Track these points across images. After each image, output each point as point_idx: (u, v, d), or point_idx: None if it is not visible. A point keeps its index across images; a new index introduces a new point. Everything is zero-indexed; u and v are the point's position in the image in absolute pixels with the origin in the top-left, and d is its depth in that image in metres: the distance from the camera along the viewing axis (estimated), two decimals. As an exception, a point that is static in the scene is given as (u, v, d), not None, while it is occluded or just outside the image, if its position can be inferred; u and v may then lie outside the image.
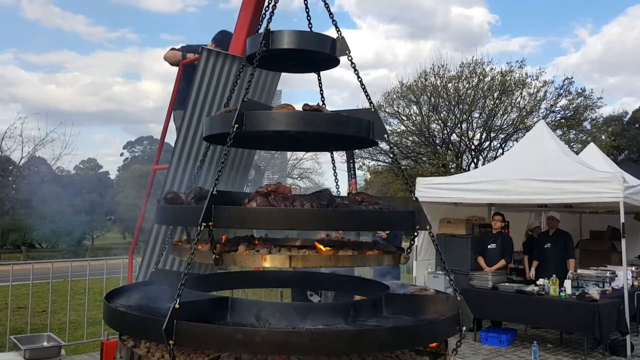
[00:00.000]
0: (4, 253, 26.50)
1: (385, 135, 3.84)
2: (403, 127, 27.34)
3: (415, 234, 3.65)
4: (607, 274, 7.85)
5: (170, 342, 2.91)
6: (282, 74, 5.28)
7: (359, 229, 3.34)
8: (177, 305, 2.97)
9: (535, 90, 26.30)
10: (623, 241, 7.37)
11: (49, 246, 31.53)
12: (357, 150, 26.14)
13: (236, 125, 3.42)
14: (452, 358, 3.51)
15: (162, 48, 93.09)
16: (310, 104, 3.65)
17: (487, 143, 28.21)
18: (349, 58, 3.83)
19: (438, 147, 27.10)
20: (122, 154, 56.25)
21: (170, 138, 5.59)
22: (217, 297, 3.38)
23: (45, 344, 5.12)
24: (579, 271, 8.15)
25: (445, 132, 27.20)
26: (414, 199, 3.63)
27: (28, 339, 5.12)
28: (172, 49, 5.72)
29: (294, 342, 2.87)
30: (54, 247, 31.00)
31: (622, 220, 7.28)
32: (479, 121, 27.37)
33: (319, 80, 4.48)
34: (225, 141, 4.04)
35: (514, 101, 26.27)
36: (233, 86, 4.33)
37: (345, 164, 7.95)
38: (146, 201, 5.28)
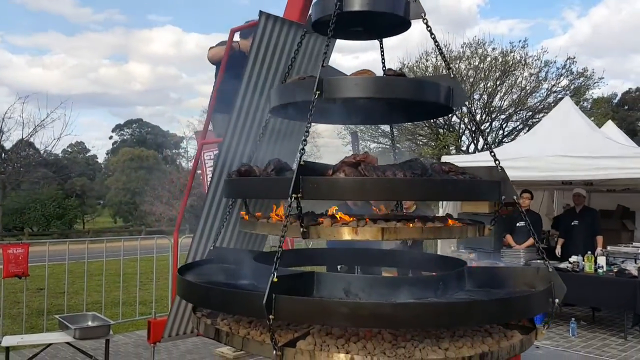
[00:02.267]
0: (5, 236, 26.09)
1: (466, 103, 3.70)
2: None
3: (501, 205, 3.55)
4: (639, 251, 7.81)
5: (271, 316, 2.78)
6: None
7: (452, 198, 3.23)
8: (275, 279, 2.83)
9: (537, 70, 26.23)
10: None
11: (39, 230, 31.11)
12: (359, 133, 26.01)
13: (317, 92, 3.25)
14: (544, 331, 3.41)
15: (149, 29, 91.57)
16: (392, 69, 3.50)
17: (488, 124, 28.19)
18: (425, 21, 3.66)
19: (440, 128, 26.97)
20: (111, 137, 55.38)
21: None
22: (305, 272, 3.23)
23: (90, 323, 4.96)
24: (609, 248, 8.10)
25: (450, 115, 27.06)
26: (499, 168, 3.50)
27: (72, 318, 4.95)
28: (211, 47, 5.58)
29: (403, 315, 2.75)
30: (45, 231, 30.58)
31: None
32: (480, 102, 27.29)
33: (381, 47, 4.31)
34: (295, 112, 3.90)
35: (514, 81, 26.17)
36: (295, 54, 4.14)
37: (348, 145, 7.78)
38: (192, 179, 5.09)
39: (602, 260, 7.39)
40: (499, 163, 3.51)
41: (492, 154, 3.52)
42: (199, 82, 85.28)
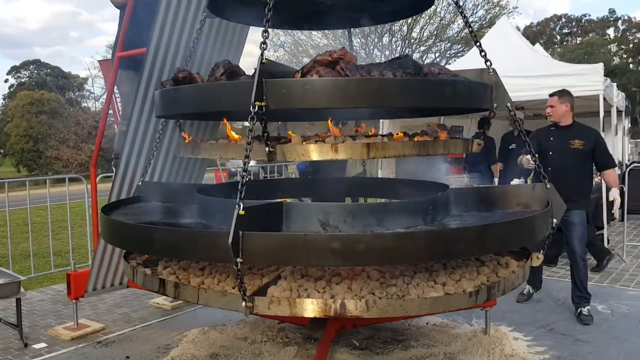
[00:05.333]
0: None
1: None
2: (325, 41, 26.24)
3: (492, 114, 3.05)
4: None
5: (239, 260, 2.14)
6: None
7: (451, 104, 2.64)
8: (242, 212, 2.17)
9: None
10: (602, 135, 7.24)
11: None
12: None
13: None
14: (539, 256, 3.03)
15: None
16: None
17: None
18: None
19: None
20: (6, 81, 50.12)
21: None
22: (271, 203, 2.59)
23: (-7, 281, 4.08)
24: (548, 170, 8.04)
25: (370, 47, 26.54)
26: (491, 70, 2.98)
27: (-31, 277, 4.05)
28: None
29: (408, 247, 2.20)
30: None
31: (602, 114, 7.14)
32: (399, 34, 26.93)
33: None
34: (241, 7, 3.14)
35: (433, 11, 25.91)
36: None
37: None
38: (109, 100, 4.19)
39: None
40: (491, 64, 2.97)
41: (483, 53, 2.96)
42: (101, 19, 78.60)
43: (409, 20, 25.57)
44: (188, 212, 3.11)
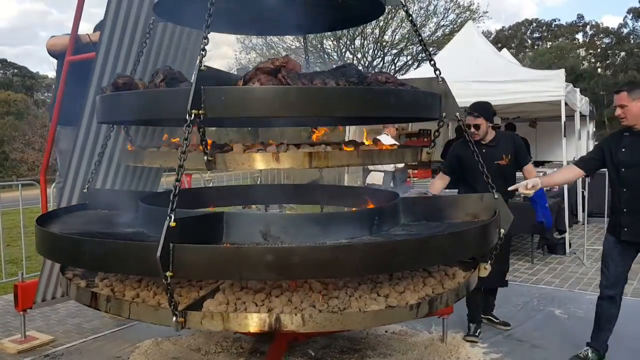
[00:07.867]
0: None
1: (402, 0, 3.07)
2: (297, 44, 26.22)
3: (441, 123, 3.02)
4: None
5: (168, 274, 2.06)
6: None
7: (396, 113, 2.60)
8: (172, 223, 2.10)
9: (427, 3, 26.40)
10: (564, 140, 7.35)
11: None
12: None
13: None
14: (487, 266, 3.01)
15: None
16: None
17: (380, 59, 28.17)
18: None
19: (334, 66, 26.42)
20: (-28, 81, 49.02)
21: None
22: (210, 213, 2.53)
23: None
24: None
25: (342, 49, 26.62)
26: (440, 79, 2.95)
27: None
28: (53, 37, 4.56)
29: (345, 259, 2.15)
30: None
31: (564, 119, 7.23)
32: (372, 37, 27.09)
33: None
34: (190, 9, 3.06)
35: (404, 15, 26.05)
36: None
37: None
38: (59, 104, 4.06)
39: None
40: (440, 73, 2.95)
41: (432, 62, 2.94)
42: (71, 19, 77.28)
43: (381, 23, 25.74)
44: (131, 221, 3.02)
